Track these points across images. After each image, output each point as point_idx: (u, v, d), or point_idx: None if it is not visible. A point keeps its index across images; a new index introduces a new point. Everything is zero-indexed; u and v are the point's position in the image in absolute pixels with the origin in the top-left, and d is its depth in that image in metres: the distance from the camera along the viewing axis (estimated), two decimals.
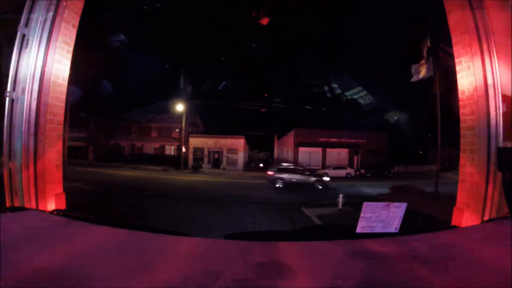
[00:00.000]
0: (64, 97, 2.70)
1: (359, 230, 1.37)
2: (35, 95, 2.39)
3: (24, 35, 2.43)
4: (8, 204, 2.32)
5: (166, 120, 26.95)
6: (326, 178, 14.79)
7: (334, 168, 21.64)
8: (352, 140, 24.62)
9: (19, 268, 0.96)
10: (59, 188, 2.65)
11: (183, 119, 23.87)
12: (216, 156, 26.05)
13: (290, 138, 25.48)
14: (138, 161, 24.10)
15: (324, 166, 23.24)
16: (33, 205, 2.35)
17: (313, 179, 14.38)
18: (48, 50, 2.45)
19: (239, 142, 26.18)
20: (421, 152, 24.69)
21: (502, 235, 1.45)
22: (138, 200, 8.63)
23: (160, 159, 24.72)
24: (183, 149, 23.76)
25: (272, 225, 6.17)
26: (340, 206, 7.81)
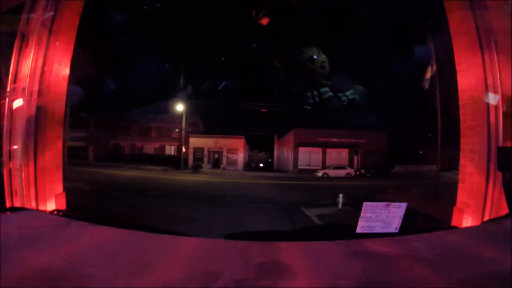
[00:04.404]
0: (64, 97, 2.70)
1: (359, 230, 1.37)
2: (35, 95, 2.39)
3: (24, 35, 2.43)
4: (8, 204, 2.31)
5: (166, 120, 26.93)
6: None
7: (334, 168, 21.63)
8: (352, 140, 24.61)
9: (19, 268, 0.96)
10: (59, 188, 2.65)
11: (183, 119, 23.87)
12: (216, 156, 26.05)
13: (290, 138, 25.47)
14: (138, 161, 24.07)
15: (324, 166, 23.25)
16: (33, 205, 2.35)
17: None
18: (48, 50, 2.45)
19: (239, 142, 26.19)
20: (421, 152, 24.67)
21: (502, 235, 1.45)
22: (138, 200, 8.62)
23: (160, 159, 24.69)
24: (183, 149, 23.75)
25: (272, 225, 6.15)
26: (340, 206, 7.79)
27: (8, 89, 2.38)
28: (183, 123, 23.95)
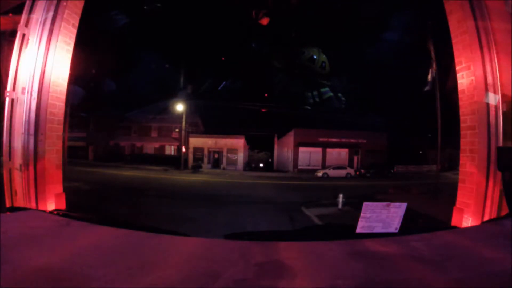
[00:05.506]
0: (64, 97, 2.70)
1: (359, 230, 1.37)
2: (35, 95, 2.39)
3: (24, 35, 2.43)
4: (8, 204, 2.31)
5: (166, 120, 26.97)
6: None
7: (334, 168, 21.65)
8: (352, 140, 24.64)
9: (19, 268, 0.96)
10: (59, 188, 2.65)
11: (183, 119, 23.87)
12: (216, 156, 26.06)
13: (290, 138, 25.49)
14: (138, 161, 24.11)
15: (324, 166, 23.25)
16: (33, 205, 2.35)
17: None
18: (48, 50, 2.45)
19: (239, 142, 26.20)
20: (421, 152, 24.69)
21: (502, 235, 1.45)
22: (138, 200, 8.63)
23: (160, 159, 24.73)
24: (183, 149, 23.75)
25: (272, 225, 6.16)
26: (340, 206, 7.80)
27: (8, 89, 2.38)
28: (183, 123, 23.96)
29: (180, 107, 23.45)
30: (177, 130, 26.91)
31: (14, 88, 2.39)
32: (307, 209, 7.95)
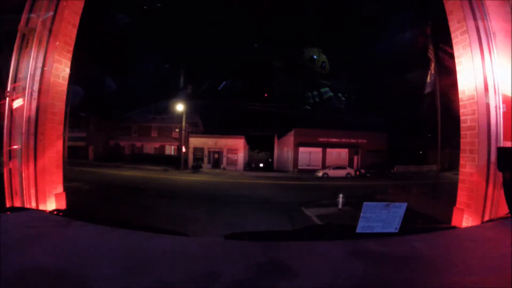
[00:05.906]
0: (64, 97, 2.70)
1: (359, 230, 1.37)
2: (35, 95, 2.39)
3: (24, 35, 2.43)
4: (8, 204, 2.32)
5: (166, 120, 26.98)
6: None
7: (334, 168, 21.65)
8: (352, 140, 24.64)
9: (19, 268, 0.96)
10: (59, 188, 2.65)
11: (183, 119, 23.86)
12: (216, 156, 26.06)
13: (290, 138, 25.49)
14: (138, 161, 24.12)
15: (324, 166, 23.25)
16: (33, 205, 2.35)
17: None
18: (48, 50, 2.45)
19: (239, 142, 26.20)
20: (421, 152, 24.69)
21: (502, 235, 1.45)
22: (138, 200, 8.63)
23: (160, 159, 24.74)
24: (183, 149, 23.74)
25: (272, 225, 6.16)
26: (340, 206, 7.80)
27: (8, 89, 2.38)
28: (183, 123, 23.95)
29: (180, 107, 23.46)
30: (177, 130, 26.92)
31: (14, 88, 2.39)
32: (307, 209, 7.94)
